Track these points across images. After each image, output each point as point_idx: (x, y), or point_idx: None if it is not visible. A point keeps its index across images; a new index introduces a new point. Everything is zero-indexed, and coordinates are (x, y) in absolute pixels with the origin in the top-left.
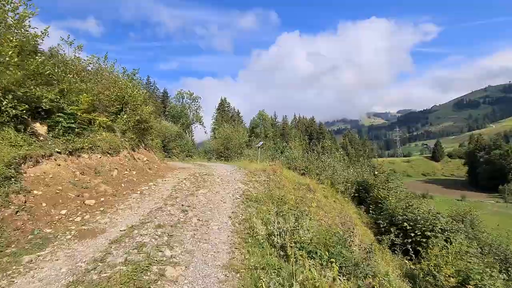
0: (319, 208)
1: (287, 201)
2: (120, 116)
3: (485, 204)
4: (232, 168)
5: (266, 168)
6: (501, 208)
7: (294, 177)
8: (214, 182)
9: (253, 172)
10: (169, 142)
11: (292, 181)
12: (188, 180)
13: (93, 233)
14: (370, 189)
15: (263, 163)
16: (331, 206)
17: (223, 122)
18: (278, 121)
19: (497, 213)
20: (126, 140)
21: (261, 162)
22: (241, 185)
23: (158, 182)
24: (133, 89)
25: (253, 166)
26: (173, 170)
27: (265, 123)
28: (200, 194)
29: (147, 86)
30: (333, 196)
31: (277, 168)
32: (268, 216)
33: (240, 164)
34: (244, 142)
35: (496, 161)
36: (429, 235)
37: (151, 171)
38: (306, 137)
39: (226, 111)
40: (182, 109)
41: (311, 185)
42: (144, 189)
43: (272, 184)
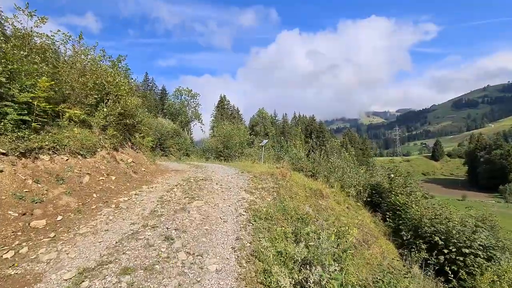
0: (337, 219)
1: (306, 218)
2: (99, 109)
3: (486, 204)
4: (233, 171)
5: (273, 171)
6: (501, 208)
7: (303, 180)
8: (212, 190)
9: (259, 176)
10: (165, 140)
11: (302, 186)
12: (181, 187)
13: (20, 284)
14: (386, 194)
15: (267, 164)
16: (346, 215)
17: (222, 120)
18: (278, 119)
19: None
20: (106, 138)
21: (265, 163)
22: (245, 195)
23: (143, 190)
24: (115, 77)
25: (258, 168)
26: (165, 173)
27: (265, 121)
28: (194, 209)
29: (145, 83)
30: (345, 201)
31: (286, 171)
32: (289, 250)
33: (242, 166)
34: (246, 140)
35: (497, 161)
36: (466, 252)
37: (136, 176)
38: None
39: (225, 108)
40: (180, 106)
41: (323, 191)
42: (122, 201)
43: (283, 192)
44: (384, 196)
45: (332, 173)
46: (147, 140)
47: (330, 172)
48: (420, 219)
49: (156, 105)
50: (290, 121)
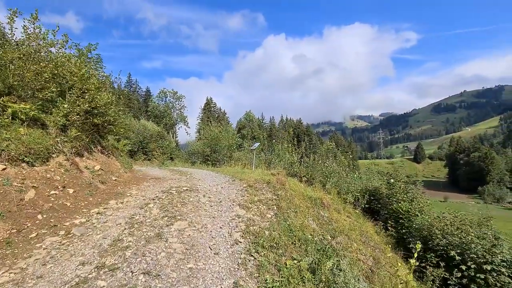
0: (344, 234)
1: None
2: (58, 105)
3: (467, 205)
4: (223, 178)
5: (269, 179)
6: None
7: (300, 188)
8: (199, 205)
9: (253, 185)
10: (148, 143)
11: (301, 195)
12: (159, 201)
13: None
14: (384, 200)
15: (260, 169)
16: (349, 226)
17: (209, 122)
18: (266, 122)
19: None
20: (66, 140)
21: (257, 168)
22: (240, 211)
23: (109, 206)
24: (80, 67)
25: (251, 175)
26: (142, 182)
27: (252, 124)
28: (174, 234)
29: (128, 84)
30: (345, 210)
31: (284, 179)
32: None
33: (233, 172)
34: (235, 143)
35: (475, 163)
36: (487, 269)
37: (103, 187)
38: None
39: (212, 111)
40: (165, 108)
41: (323, 200)
42: (77, 225)
43: (284, 206)
44: (383, 203)
45: (328, 178)
46: (123, 143)
47: (326, 177)
48: (430, 230)
49: (140, 107)
50: (277, 124)
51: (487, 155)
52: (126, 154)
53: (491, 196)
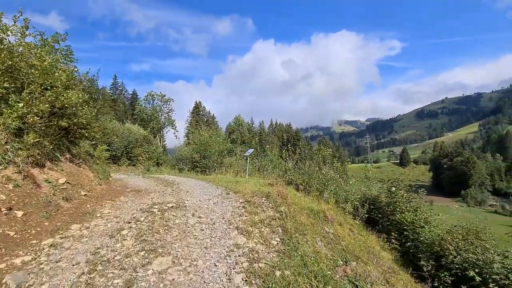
0: (353, 254)
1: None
2: (11, 103)
3: (451, 208)
4: (215, 190)
5: (268, 190)
6: (465, 212)
7: (300, 199)
8: (187, 229)
9: (251, 200)
10: (133, 148)
11: (302, 208)
12: (136, 225)
13: None
14: (385, 209)
15: (254, 178)
16: (354, 241)
17: (198, 126)
18: (255, 126)
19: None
20: (21, 148)
21: (250, 176)
22: (239, 238)
23: (69, 235)
24: (43, 60)
25: (246, 186)
26: (119, 196)
27: (242, 129)
28: (152, 282)
29: (113, 87)
30: (346, 221)
31: (285, 191)
32: None
33: (225, 182)
34: (226, 149)
35: (458, 167)
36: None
37: (67, 205)
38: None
39: (201, 115)
40: (152, 112)
41: (326, 213)
42: (16, 268)
43: (291, 227)
44: (383, 212)
45: (325, 186)
46: (101, 149)
47: (324, 185)
48: (441, 245)
49: (126, 110)
50: (267, 128)
51: (469, 160)
52: (104, 162)
53: (473, 200)
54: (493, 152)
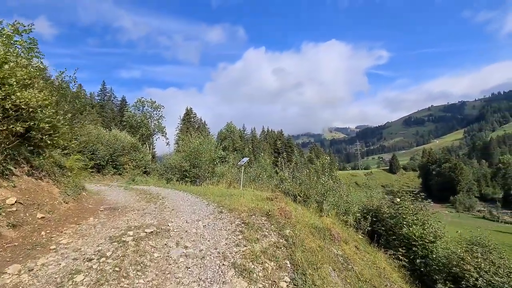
0: (369, 283)
1: None
2: None
3: (441, 214)
4: (205, 207)
5: (269, 208)
6: (454, 217)
7: (304, 216)
8: (168, 269)
9: (249, 220)
10: (119, 156)
11: (305, 224)
12: (97, 265)
13: None
14: (389, 221)
15: (249, 190)
16: (363, 262)
17: (189, 132)
18: (247, 133)
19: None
20: None
21: (245, 188)
22: (237, 282)
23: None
24: None
25: (242, 201)
26: (88, 217)
27: (234, 135)
28: None
29: (102, 93)
30: (350, 237)
31: (288, 207)
32: None
33: (218, 195)
34: (217, 157)
35: (447, 173)
36: None
37: (13, 234)
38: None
39: (192, 121)
40: (142, 118)
41: (332, 230)
42: None
43: (300, 258)
44: (386, 224)
45: (325, 197)
46: (73, 159)
47: (323, 196)
48: (460, 265)
49: (114, 117)
50: (259, 135)
51: (457, 166)
52: (78, 173)
53: (462, 205)
54: (479, 158)
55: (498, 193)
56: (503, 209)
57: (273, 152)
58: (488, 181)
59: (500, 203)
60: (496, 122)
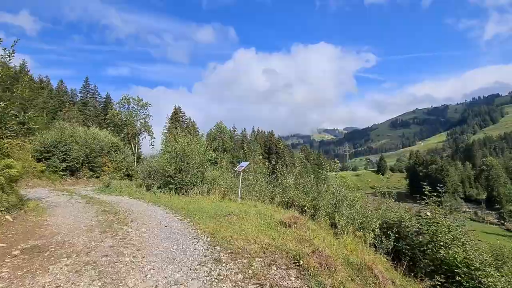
0: None
1: None
2: None
3: None
4: (192, 246)
5: (294, 246)
6: None
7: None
8: None
9: (268, 283)
10: (96, 158)
11: (334, 254)
12: None
13: None
14: (416, 240)
15: (250, 203)
16: None
17: (175, 131)
18: (237, 133)
19: None
20: None
21: (243, 199)
22: None
23: None
24: None
25: (248, 228)
26: None
27: (224, 136)
28: None
29: (84, 89)
30: (382, 264)
31: (327, 251)
32: None
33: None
34: (208, 159)
35: (433, 175)
36: None
37: None
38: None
39: (180, 121)
40: (127, 116)
41: (374, 269)
42: None
43: None
44: (411, 242)
45: (337, 209)
46: (3, 164)
47: (334, 207)
48: None
49: (97, 115)
50: (249, 136)
51: (443, 168)
52: (10, 183)
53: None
54: (462, 160)
55: (482, 194)
56: (487, 210)
57: (264, 153)
58: (472, 182)
59: (484, 204)
60: (477, 125)
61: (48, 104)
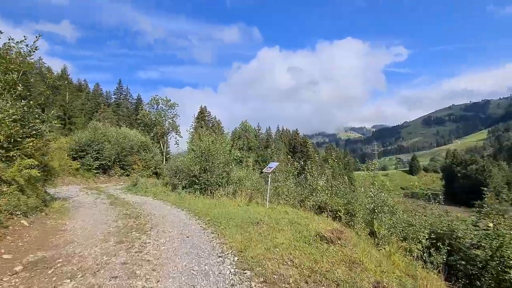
0: None
1: None
2: None
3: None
4: (217, 270)
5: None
6: None
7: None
8: None
9: None
10: (126, 156)
11: (391, 281)
12: None
13: None
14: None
15: (281, 209)
16: None
17: (201, 130)
18: (262, 132)
19: None
20: None
21: (274, 204)
22: None
23: None
24: None
25: (281, 242)
26: None
27: (249, 134)
28: None
29: (118, 91)
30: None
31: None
32: None
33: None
34: (234, 159)
35: (473, 176)
36: None
37: None
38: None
39: (206, 120)
40: (156, 116)
41: None
42: None
43: None
44: (467, 257)
45: (376, 215)
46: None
47: (374, 214)
48: None
49: (129, 115)
50: (274, 134)
51: (485, 168)
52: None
53: None
54: (507, 160)
55: None
56: None
57: (289, 152)
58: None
59: None
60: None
61: (86, 105)
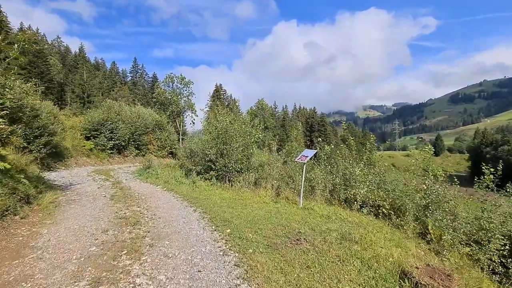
0: None
1: None
2: None
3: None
4: None
5: None
6: None
7: None
8: None
9: None
10: (141, 135)
11: None
12: None
13: None
14: None
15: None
16: None
17: (216, 109)
18: (278, 111)
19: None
20: None
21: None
22: None
23: None
24: None
25: None
26: None
27: (265, 113)
28: None
29: (134, 69)
30: None
31: None
32: None
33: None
34: (255, 142)
35: (505, 157)
36: None
37: None
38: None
39: (222, 98)
40: (172, 95)
41: None
42: None
43: None
44: None
45: (431, 213)
46: None
47: (426, 210)
48: None
49: (145, 94)
50: (290, 113)
51: None
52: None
53: None
54: None
55: None
56: None
57: (306, 131)
58: None
59: None
60: None
61: (103, 84)
